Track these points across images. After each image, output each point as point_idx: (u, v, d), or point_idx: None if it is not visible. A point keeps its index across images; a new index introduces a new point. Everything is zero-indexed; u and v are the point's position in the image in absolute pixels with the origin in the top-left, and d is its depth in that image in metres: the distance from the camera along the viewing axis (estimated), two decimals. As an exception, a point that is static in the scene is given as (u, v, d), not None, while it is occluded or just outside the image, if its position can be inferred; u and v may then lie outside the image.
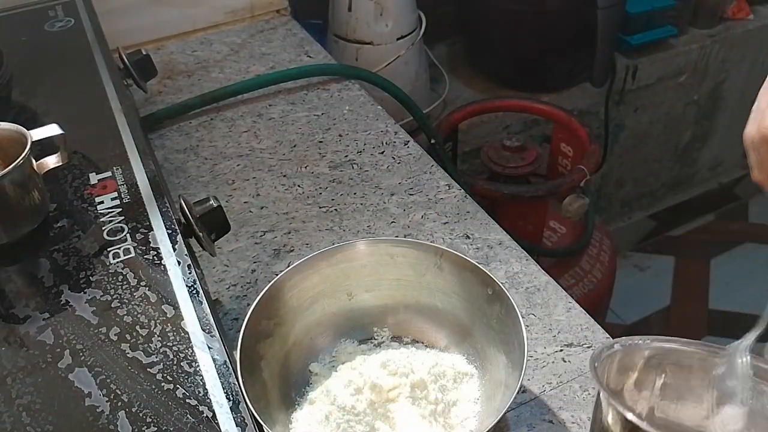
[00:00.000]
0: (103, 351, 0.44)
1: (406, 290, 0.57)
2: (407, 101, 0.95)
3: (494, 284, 0.52)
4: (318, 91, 0.91)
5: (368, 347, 0.56)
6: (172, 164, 0.79)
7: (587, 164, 1.13)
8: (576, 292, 1.24)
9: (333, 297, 0.57)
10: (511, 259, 0.66)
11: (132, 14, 0.98)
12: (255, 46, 1.01)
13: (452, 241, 0.68)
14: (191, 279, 0.49)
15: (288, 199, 0.74)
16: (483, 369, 0.53)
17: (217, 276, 0.65)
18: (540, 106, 1.27)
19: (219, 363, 0.44)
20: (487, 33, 1.43)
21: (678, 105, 1.62)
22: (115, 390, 0.42)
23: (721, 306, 1.70)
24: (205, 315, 0.46)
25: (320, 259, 0.56)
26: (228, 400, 0.41)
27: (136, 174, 0.58)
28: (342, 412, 0.49)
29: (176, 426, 0.40)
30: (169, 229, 0.53)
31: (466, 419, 0.50)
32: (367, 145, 0.81)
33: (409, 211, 0.72)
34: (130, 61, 0.78)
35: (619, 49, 1.48)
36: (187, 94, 0.90)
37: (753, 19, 1.64)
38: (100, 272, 0.50)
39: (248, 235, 0.70)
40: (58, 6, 0.84)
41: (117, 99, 0.68)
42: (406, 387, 0.51)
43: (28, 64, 0.73)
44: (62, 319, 0.46)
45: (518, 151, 1.20)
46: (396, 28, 1.20)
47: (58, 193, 0.57)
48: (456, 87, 1.45)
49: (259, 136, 0.83)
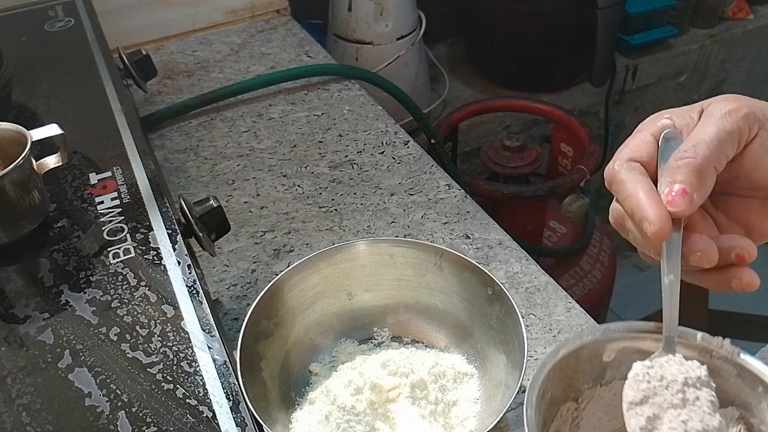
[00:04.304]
0: (103, 351, 0.44)
1: (406, 290, 0.57)
2: (407, 101, 0.95)
3: (494, 284, 0.52)
4: (318, 91, 0.91)
5: (368, 347, 0.56)
6: (172, 164, 0.79)
7: (587, 164, 1.14)
8: (576, 292, 1.24)
9: (333, 297, 0.57)
10: (511, 259, 0.66)
11: (132, 14, 0.98)
12: (255, 46, 1.01)
13: (452, 241, 0.68)
14: (191, 279, 0.49)
15: (288, 199, 0.74)
16: (483, 369, 0.53)
17: (217, 276, 0.65)
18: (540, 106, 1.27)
19: (219, 363, 0.44)
20: (487, 33, 1.43)
21: (678, 105, 1.61)
22: (115, 390, 0.42)
23: (721, 306, 1.70)
24: (205, 315, 0.46)
25: (320, 259, 0.56)
26: (228, 400, 0.42)
27: (136, 174, 0.58)
28: (342, 412, 0.49)
29: (176, 426, 0.40)
30: (169, 229, 0.53)
31: (466, 419, 0.50)
32: (367, 145, 0.81)
33: (409, 211, 0.72)
34: (130, 61, 0.78)
35: (619, 49, 1.48)
36: (187, 94, 0.90)
37: (753, 19, 1.64)
38: (100, 272, 0.50)
39: (248, 235, 0.70)
40: (58, 6, 0.84)
41: (117, 99, 0.68)
42: (406, 387, 0.51)
43: (28, 64, 0.73)
44: (62, 319, 0.46)
45: (518, 151, 1.20)
46: (396, 28, 1.20)
47: (58, 193, 0.57)
48: (456, 87, 1.45)
49: (259, 136, 0.83)
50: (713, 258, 0.36)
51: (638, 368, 0.38)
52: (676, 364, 0.38)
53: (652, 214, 0.35)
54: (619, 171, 0.37)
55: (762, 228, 0.40)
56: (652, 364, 0.38)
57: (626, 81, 1.51)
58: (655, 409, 0.37)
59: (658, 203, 0.35)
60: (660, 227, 0.35)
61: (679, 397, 0.36)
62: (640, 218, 0.35)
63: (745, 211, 0.40)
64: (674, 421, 0.36)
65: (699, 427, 0.35)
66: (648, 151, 0.38)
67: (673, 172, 0.36)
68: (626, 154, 0.38)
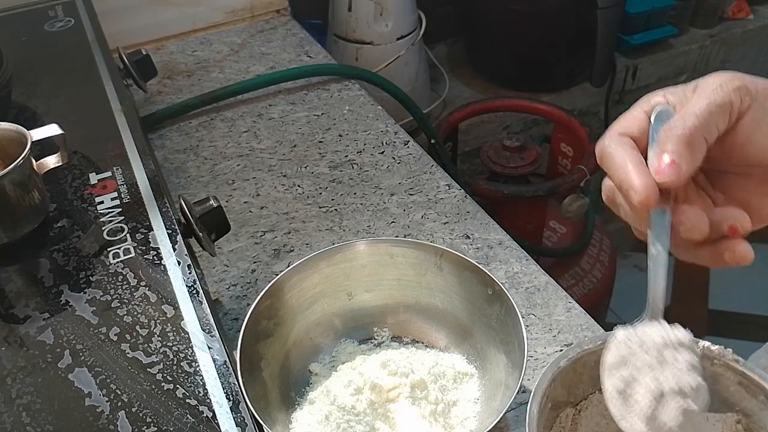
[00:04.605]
0: (103, 351, 0.44)
1: (406, 290, 0.57)
2: (407, 101, 0.95)
3: (494, 284, 0.52)
4: (318, 91, 0.91)
5: (368, 347, 0.56)
6: (172, 164, 0.79)
7: (587, 164, 1.14)
8: (576, 292, 1.24)
9: (333, 297, 0.57)
10: (511, 259, 0.66)
11: (132, 14, 0.98)
12: (255, 46, 1.01)
13: (452, 241, 0.68)
14: (191, 279, 0.49)
15: (288, 199, 0.74)
16: (483, 369, 0.53)
17: (217, 276, 0.65)
18: (540, 106, 1.27)
19: (219, 363, 0.44)
20: (487, 33, 1.43)
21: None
22: (115, 390, 0.42)
23: (721, 306, 1.70)
24: (205, 315, 0.46)
25: (320, 259, 0.56)
26: (228, 400, 0.42)
27: (136, 174, 0.58)
28: (342, 412, 0.49)
29: (176, 426, 0.40)
30: (169, 229, 0.53)
31: (466, 419, 0.50)
32: (367, 145, 0.81)
33: (409, 211, 0.72)
34: (130, 61, 0.78)
35: (619, 49, 1.48)
36: (187, 94, 0.90)
37: (753, 19, 1.64)
38: (100, 272, 0.50)
39: (248, 235, 0.70)
40: (58, 6, 0.84)
41: (117, 99, 0.68)
42: (406, 387, 0.51)
43: (28, 64, 0.73)
44: (62, 319, 0.46)
45: (518, 151, 1.20)
46: (396, 28, 1.20)
47: (58, 193, 0.57)
48: (456, 87, 1.45)
49: (259, 136, 0.83)
50: (703, 228, 0.36)
51: (620, 334, 0.38)
52: (659, 329, 0.37)
53: (638, 183, 0.35)
54: (609, 145, 0.38)
55: (760, 208, 0.40)
56: (634, 331, 0.38)
57: (626, 81, 1.51)
58: (632, 370, 0.36)
59: (646, 173, 0.36)
60: (646, 196, 0.35)
61: (656, 357, 0.36)
62: (627, 188, 0.36)
63: (742, 191, 0.40)
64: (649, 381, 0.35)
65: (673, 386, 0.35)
66: (639, 126, 0.38)
67: (662, 144, 0.36)
68: (617, 129, 0.39)
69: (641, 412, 0.35)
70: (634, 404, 0.36)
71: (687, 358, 0.36)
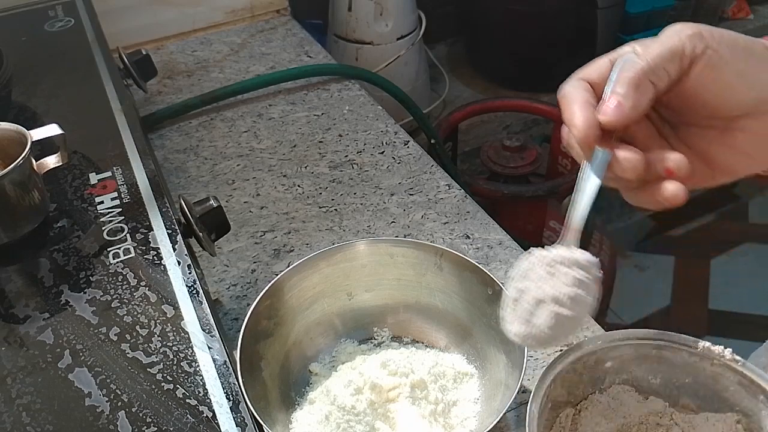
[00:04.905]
0: (103, 351, 0.44)
1: (406, 290, 0.57)
2: (407, 101, 0.95)
3: (494, 284, 0.52)
4: (318, 91, 0.91)
5: (368, 347, 0.56)
6: (172, 164, 0.79)
7: (587, 164, 1.13)
8: (576, 292, 1.23)
9: (333, 297, 0.57)
10: (511, 259, 0.66)
11: (132, 14, 0.98)
12: (255, 46, 1.01)
13: (452, 241, 0.68)
14: (191, 279, 0.49)
15: (288, 199, 0.74)
16: (483, 369, 0.53)
17: (217, 276, 0.65)
18: (540, 106, 1.27)
19: (219, 363, 0.44)
20: (487, 33, 1.43)
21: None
22: (115, 390, 0.42)
23: (721, 306, 1.70)
24: (205, 315, 0.46)
25: (320, 259, 0.56)
26: (228, 400, 0.42)
27: (136, 174, 0.58)
28: (342, 412, 0.49)
29: (176, 426, 0.40)
30: (169, 229, 0.53)
31: (466, 419, 0.50)
32: (367, 145, 0.81)
33: (409, 211, 0.72)
34: (130, 61, 0.78)
35: (619, 49, 1.48)
36: (187, 94, 0.90)
37: (753, 19, 1.64)
38: (100, 272, 0.50)
39: (248, 235, 0.70)
40: (58, 6, 0.84)
41: (117, 99, 0.68)
42: (406, 387, 0.51)
43: (28, 64, 0.73)
44: (62, 319, 0.46)
45: (518, 151, 1.20)
46: (396, 28, 1.20)
47: (58, 193, 0.57)
48: (456, 87, 1.45)
49: (259, 136, 0.83)
50: (637, 167, 0.37)
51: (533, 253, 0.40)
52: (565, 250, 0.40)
53: (579, 122, 0.37)
54: (565, 88, 0.39)
55: (722, 160, 0.41)
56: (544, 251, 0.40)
57: (626, 81, 1.50)
58: (527, 282, 0.40)
59: (589, 113, 0.37)
60: (585, 134, 0.37)
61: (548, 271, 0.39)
62: (571, 126, 0.38)
63: (705, 142, 0.41)
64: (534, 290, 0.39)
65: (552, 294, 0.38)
66: (600, 72, 0.40)
67: (612, 86, 0.37)
68: (579, 74, 0.40)
69: (521, 317, 0.40)
70: (518, 309, 0.40)
71: (576, 274, 0.39)
